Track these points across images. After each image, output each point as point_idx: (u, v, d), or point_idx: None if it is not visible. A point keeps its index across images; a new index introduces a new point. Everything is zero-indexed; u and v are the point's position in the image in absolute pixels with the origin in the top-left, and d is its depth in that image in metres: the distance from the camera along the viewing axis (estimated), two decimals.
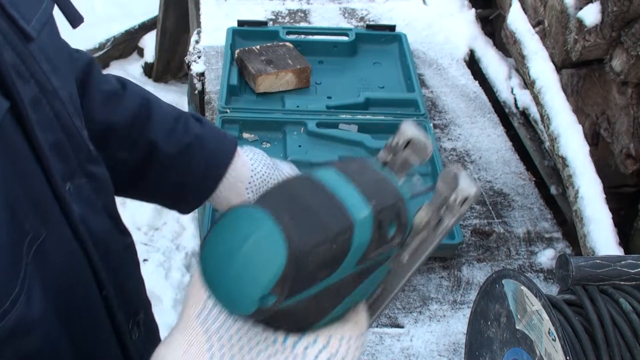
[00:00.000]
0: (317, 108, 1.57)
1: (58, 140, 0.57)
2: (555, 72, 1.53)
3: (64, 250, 0.57)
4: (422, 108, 1.58)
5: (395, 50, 1.84)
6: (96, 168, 0.64)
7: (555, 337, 0.80)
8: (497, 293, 0.94)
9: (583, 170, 1.34)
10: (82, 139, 0.61)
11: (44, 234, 0.52)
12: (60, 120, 0.58)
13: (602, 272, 0.87)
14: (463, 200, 0.59)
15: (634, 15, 1.34)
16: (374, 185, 0.53)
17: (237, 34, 1.80)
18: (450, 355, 1.13)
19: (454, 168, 0.61)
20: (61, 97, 0.59)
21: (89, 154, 0.62)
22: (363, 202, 0.50)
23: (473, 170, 1.54)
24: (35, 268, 0.51)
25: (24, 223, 0.50)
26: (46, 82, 0.57)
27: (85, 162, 0.62)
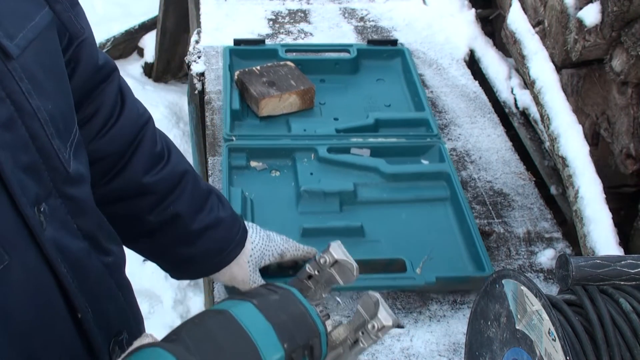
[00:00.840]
0: (325, 132, 1.52)
1: (32, 161, 0.56)
2: (555, 72, 1.53)
3: (30, 275, 0.55)
4: (434, 128, 1.53)
5: (398, 66, 1.79)
6: (74, 189, 0.63)
7: (555, 337, 0.80)
8: (497, 293, 0.94)
9: (583, 170, 1.34)
10: (59, 161, 0.60)
11: (7, 260, 0.51)
12: (37, 142, 0.57)
13: (602, 272, 0.87)
14: (380, 328, 0.64)
15: (634, 15, 1.34)
16: (291, 323, 0.57)
17: (234, 54, 1.74)
18: (450, 355, 1.13)
19: (375, 294, 0.66)
20: (40, 118, 0.57)
21: (66, 175, 0.61)
22: (276, 344, 0.54)
23: (473, 170, 1.54)
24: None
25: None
26: (24, 102, 0.55)
27: (61, 184, 0.60)
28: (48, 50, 0.63)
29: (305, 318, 0.60)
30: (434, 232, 1.32)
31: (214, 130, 1.59)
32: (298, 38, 1.97)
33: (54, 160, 0.59)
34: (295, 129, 1.54)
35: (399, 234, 1.31)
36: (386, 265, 1.21)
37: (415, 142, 1.52)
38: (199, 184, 0.95)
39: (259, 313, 0.57)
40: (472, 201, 1.45)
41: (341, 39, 1.97)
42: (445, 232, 1.32)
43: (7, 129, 0.53)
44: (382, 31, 2.04)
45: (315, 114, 1.62)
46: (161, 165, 0.89)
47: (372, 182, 1.42)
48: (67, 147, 0.63)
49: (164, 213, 0.90)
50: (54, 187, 0.59)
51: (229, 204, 1.01)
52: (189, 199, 0.92)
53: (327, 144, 1.47)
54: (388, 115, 1.60)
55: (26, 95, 0.56)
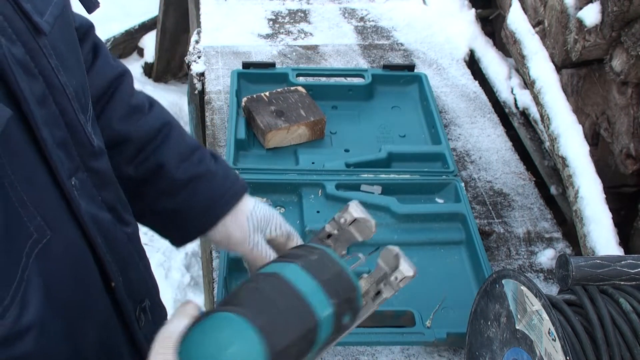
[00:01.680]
0: (334, 166, 1.42)
1: (63, 137, 0.57)
2: (555, 72, 1.53)
3: (70, 248, 0.57)
4: (451, 164, 1.43)
5: (415, 93, 1.69)
6: (97, 163, 0.64)
7: (555, 337, 0.80)
8: (497, 293, 0.94)
9: (583, 170, 1.34)
10: (85, 135, 0.61)
11: (49, 235, 0.52)
12: (65, 117, 0.58)
13: (602, 272, 0.87)
14: (402, 279, 0.70)
15: (634, 15, 1.34)
16: (333, 280, 0.61)
17: (242, 77, 1.65)
18: (450, 355, 1.13)
19: (395, 248, 0.71)
20: (68, 94, 0.58)
21: (91, 149, 0.62)
22: (325, 300, 0.59)
23: (473, 170, 1.54)
24: (36, 270, 0.50)
25: (29, 225, 0.50)
26: (54, 79, 0.56)
27: (87, 158, 0.61)
28: (69, 25, 0.64)
29: (342, 274, 0.63)
30: (447, 278, 1.24)
31: (214, 130, 1.59)
32: (298, 38, 1.97)
33: (81, 134, 0.60)
34: (303, 162, 1.45)
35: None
36: (393, 318, 1.14)
37: (430, 179, 1.42)
38: (185, 137, 0.88)
39: (306, 273, 0.59)
40: (472, 201, 1.44)
41: (341, 39, 1.97)
42: (459, 279, 1.24)
43: (42, 105, 0.54)
44: (382, 31, 2.04)
45: (325, 144, 1.52)
46: (139, 116, 0.84)
47: (382, 222, 1.32)
48: (87, 120, 0.64)
49: (146, 164, 0.84)
50: (81, 162, 0.60)
51: (225, 162, 0.92)
52: (173, 147, 0.85)
53: (336, 180, 1.39)
54: (402, 148, 1.50)
55: (55, 72, 0.57)
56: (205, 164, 0.87)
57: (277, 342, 0.53)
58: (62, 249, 0.55)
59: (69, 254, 0.56)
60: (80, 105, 0.61)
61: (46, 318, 0.52)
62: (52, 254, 0.53)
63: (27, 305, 0.49)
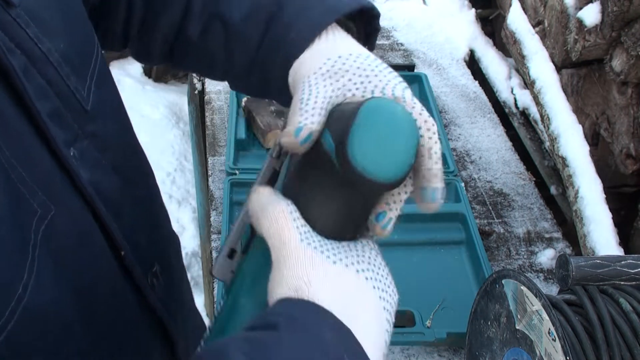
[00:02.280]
0: None
1: (55, 107, 0.55)
2: (555, 72, 1.53)
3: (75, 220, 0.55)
4: (451, 164, 1.43)
5: (415, 93, 1.65)
6: (97, 126, 0.60)
7: (555, 337, 0.80)
8: (497, 293, 0.94)
9: (583, 170, 1.34)
10: (77, 101, 0.58)
11: (53, 210, 0.51)
12: (54, 87, 0.55)
13: (602, 272, 0.87)
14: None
15: (634, 15, 1.34)
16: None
17: None
18: (450, 356, 1.13)
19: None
20: (53, 62, 0.55)
21: (86, 115, 0.59)
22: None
23: (473, 170, 1.54)
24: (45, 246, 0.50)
25: (32, 202, 0.49)
26: (34, 49, 0.54)
27: (84, 123, 0.59)
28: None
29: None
30: (447, 278, 1.24)
31: (214, 130, 1.59)
32: None
33: (73, 101, 0.58)
34: None
35: (410, 280, 1.23)
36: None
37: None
38: None
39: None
40: (472, 201, 1.44)
41: None
42: (459, 279, 1.24)
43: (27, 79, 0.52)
44: (382, 31, 2.04)
45: None
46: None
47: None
48: (86, 80, 0.61)
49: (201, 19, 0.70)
50: (79, 129, 0.58)
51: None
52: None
53: None
54: None
55: (35, 41, 0.54)
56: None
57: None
58: (67, 223, 0.54)
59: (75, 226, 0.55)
60: (71, 68, 0.58)
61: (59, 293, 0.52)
62: (58, 228, 0.52)
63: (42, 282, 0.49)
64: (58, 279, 0.52)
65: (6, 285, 0.46)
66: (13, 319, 0.46)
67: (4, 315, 0.46)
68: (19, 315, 0.47)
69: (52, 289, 0.50)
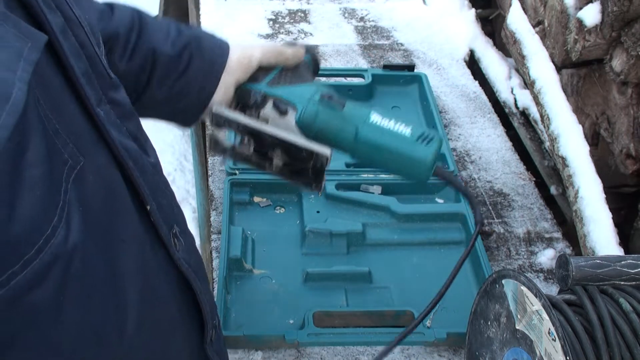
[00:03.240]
0: (334, 166, 1.39)
1: (85, 68, 0.58)
2: (555, 72, 1.53)
3: (102, 172, 0.58)
4: (451, 165, 1.43)
5: (415, 92, 1.69)
6: (117, 94, 0.65)
7: (555, 337, 0.80)
8: (497, 293, 0.94)
9: (583, 170, 1.34)
10: (103, 67, 0.62)
11: (83, 161, 0.53)
12: (85, 50, 0.59)
13: (602, 272, 0.87)
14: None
15: (634, 15, 1.34)
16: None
17: None
18: (450, 356, 1.13)
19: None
20: (84, 27, 0.59)
21: (110, 81, 0.63)
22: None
23: (473, 170, 1.54)
24: (74, 195, 0.52)
25: (63, 152, 0.51)
26: (69, 12, 0.57)
27: (107, 89, 0.62)
28: None
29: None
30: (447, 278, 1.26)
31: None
32: (298, 38, 1.97)
33: (99, 67, 0.61)
34: None
35: (409, 280, 1.23)
36: (394, 318, 1.14)
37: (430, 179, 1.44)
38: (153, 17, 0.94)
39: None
40: None
41: (341, 39, 1.98)
42: (459, 280, 1.18)
43: (64, 37, 0.55)
44: (382, 31, 2.04)
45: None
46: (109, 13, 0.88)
47: (382, 222, 1.33)
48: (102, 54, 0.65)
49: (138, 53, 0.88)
50: (103, 94, 0.61)
51: (198, 27, 0.99)
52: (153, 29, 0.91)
53: (336, 180, 1.38)
54: None
55: (70, 5, 0.58)
56: (186, 32, 0.93)
57: None
58: (95, 174, 0.56)
59: (102, 178, 0.58)
60: (95, 38, 0.62)
61: (87, 240, 0.53)
62: (86, 179, 0.54)
63: (71, 226, 0.51)
64: (86, 227, 0.53)
65: (37, 223, 0.47)
66: (38, 257, 0.47)
67: (28, 252, 0.47)
68: (45, 255, 0.48)
69: (79, 235, 0.52)
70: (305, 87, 1.02)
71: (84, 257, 0.53)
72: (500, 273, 0.93)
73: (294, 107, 0.98)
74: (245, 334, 1.07)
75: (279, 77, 1.01)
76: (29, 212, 0.47)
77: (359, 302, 1.17)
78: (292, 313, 1.14)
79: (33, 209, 0.47)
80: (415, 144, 0.99)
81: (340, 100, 1.00)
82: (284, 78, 1.01)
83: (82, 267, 0.52)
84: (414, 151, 0.98)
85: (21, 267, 0.46)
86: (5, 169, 0.44)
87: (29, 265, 0.47)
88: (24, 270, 0.46)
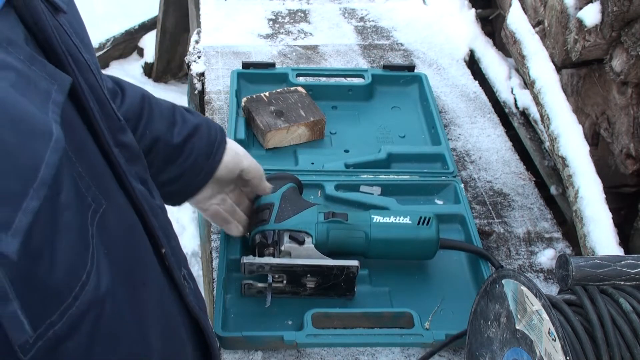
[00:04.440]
0: (334, 167, 1.41)
1: (98, 110, 0.58)
2: (555, 72, 1.53)
3: (122, 215, 0.58)
4: (451, 165, 1.43)
5: (415, 93, 1.68)
6: (126, 137, 0.64)
7: (555, 337, 0.80)
8: (497, 293, 0.94)
9: (583, 170, 1.34)
10: (112, 110, 0.62)
11: (104, 205, 0.53)
12: (95, 93, 0.58)
13: (602, 272, 0.87)
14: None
15: (634, 15, 1.34)
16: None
17: (242, 78, 1.64)
18: (450, 356, 1.13)
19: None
20: (92, 70, 0.59)
21: (119, 124, 0.63)
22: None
23: (473, 170, 1.54)
24: (99, 239, 0.51)
25: (87, 195, 0.51)
26: (78, 55, 0.57)
27: (116, 133, 0.62)
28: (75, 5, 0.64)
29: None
30: (446, 280, 1.24)
31: None
32: (298, 38, 1.97)
33: (109, 109, 0.61)
34: (302, 162, 1.44)
35: (409, 281, 1.23)
36: (392, 319, 1.13)
37: (430, 180, 1.41)
38: (159, 101, 0.97)
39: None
40: (472, 201, 1.44)
41: (341, 39, 1.97)
42: (458, 280, 1.24)
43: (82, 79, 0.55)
44: (382, 31, 2.04)
45: (325, 144, 1.51)
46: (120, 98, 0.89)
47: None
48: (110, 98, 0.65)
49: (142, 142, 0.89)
50: (112, 137, 0.60)
51: (197, 112, 1.03)
52: (158, 117, 0.93)
53: (335, 181, 1.37)
54: (402, 149, 1.48)
55: (79, 49, 0.57)
56: (189, 120, 0.98)
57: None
58: (116, 217, 0.56)
59: (123, 221, 0.58)
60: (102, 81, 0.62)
61: (113, 284, 0.53)
62: (109, 222, 0.54)
63: (101, 271, 0.50)
64: (112, 271, 0.53)
65: (74, 270, 0.47)
66: (75, 304, 0.47)
67: (66, 299, 0.46)
68: (81, 302, 0.47)
69: (107, 279, 0.51)
70: (307, 212, 1.15)
71: (113, 303, 0.52)
72: (500, 273, 0.93)
73: (308, 234, 1.12)
74: (244, 335, 1.07)
75: (281, 213, 1.14)
76: (67, 257, 0.46)
77: (357, 303, 1.17)
78: (291, 314, 1.14)
79: (70, 254, 0.46)
80: (418, 228, 1.17)
81: (341, 213, 1.15)
82: (285, 212, 1.14)
83: (111, 313, 0.52)
84: (419, 235, 1.16)
85: (59, 316, 0.45)
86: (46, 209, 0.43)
87: (66, 313, 0.46)
88: (61, 320, 0.46)
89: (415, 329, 1.11)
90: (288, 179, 1.23)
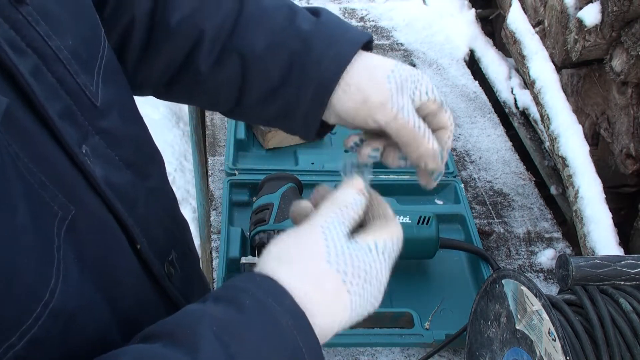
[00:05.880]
0: (334, 167, 1.42)
1: (65, 106, 0.55)
2: (555, 72, 1.53)
3: (93, 219, 0.56)
4: (451, 165, 1.44)
5: None
6: (106, 122, 0.60)
7: (555, 337, 0.80)
8: (497, 293, 0.94)
9: (583, 170, 1.34)
10: (87, 98, 0.58)
11: (73, 210, 0.52)
12: (64, 85, 0.55)
13: (602, 272, 0.87)
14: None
15: (634, 15, 1.34)
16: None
17: None
18: (450, 356, 1.13)
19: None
20: (62, 59, 0.55)
21: (96, 111, 0.59)
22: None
23: (473, 170, 1.54)
24: (68, 247, 0.50)
25: (52, 205, 0.49)
26: (44, 48, 0.53)
27: (95, 120, 0.59)
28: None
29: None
30: (446, 280, 1.24)
31: (214, 130, 1.59)
32: None
33: (83, 98, 0.58)
34: (302, 162, 1.44)
35: (409, 282, 1.23)
36: (392, 319, 1.13)
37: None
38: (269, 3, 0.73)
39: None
40: (472, 201, 1.44)
41: None
42: (458, 281, 1.24)
43: (37, 79, 0.51)
44: (382, 31, 2.04)
45: (325, 144, 1.51)
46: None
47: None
48: (93, 75, 0.60)
49: (227, 59, 0.72)
50: (90, 126, 0.58)
51: (331, 16, 0.73)
52: (255, 22, 0.71)
53: (336, 181, 1.38)
54: None
55: (45, 39, 0.54)
56: (301, 26, 0.71)
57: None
58: (87, 221, 0.54)
59: (94, 224, 0.56)
60: (79, 64, 0.58)
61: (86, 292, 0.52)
62: (79, 228, 0.52)
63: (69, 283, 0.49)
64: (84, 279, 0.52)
65: (32, 292, 0.46)
66: (37, 325, 0.46)
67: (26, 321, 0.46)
68: (44, 320, 0.47)
69: (79, 289, 0.51)
70: None
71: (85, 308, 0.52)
72: (500, 273, 0.93)
73: None
74: None
75: (280, 213, 1.15)
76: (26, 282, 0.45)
77: None
78: None
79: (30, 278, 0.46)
80: (419, 227, 1.18)
81: None
82: (284, 212, 1.15)
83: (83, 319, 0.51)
84: (419, 234, 1.18)
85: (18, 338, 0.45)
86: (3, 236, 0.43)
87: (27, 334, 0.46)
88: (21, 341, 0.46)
89: (415, 329, 1.11)
90: (288, 179, 1.23)
